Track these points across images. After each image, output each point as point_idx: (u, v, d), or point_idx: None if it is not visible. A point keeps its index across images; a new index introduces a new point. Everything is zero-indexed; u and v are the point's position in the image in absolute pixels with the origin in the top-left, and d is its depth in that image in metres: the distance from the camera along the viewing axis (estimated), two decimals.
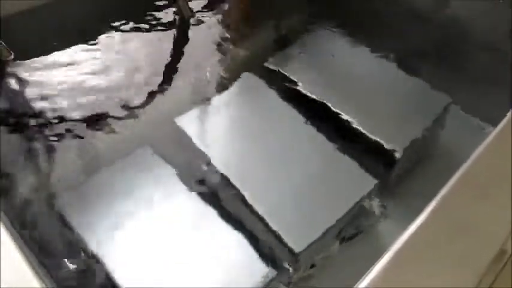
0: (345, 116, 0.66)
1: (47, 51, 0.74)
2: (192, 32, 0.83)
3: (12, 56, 0.72)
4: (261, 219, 0.56)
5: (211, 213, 0.56)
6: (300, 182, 0.60)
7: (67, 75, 0.72)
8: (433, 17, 0.83)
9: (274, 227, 0.55)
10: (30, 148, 0.63)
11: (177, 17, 0.83)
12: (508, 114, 0.51)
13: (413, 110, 0.68)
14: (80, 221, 0.54)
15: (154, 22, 0.82)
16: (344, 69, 0.74)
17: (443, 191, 0.45)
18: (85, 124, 0.67)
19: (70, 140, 0.65)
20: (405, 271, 0.40)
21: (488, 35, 0.77)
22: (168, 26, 0.82)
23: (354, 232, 0.61)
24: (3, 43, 0.69)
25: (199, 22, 0.84)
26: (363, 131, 0.65)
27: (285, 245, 0.54)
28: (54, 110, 0.68)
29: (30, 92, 0.70)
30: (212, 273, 0.51)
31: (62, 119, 0.67)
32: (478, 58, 0.77)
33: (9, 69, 0.71)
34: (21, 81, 0.71)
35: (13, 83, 0.70)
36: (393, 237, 0.43)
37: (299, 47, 0.77)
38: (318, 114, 0.68)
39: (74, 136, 0.66)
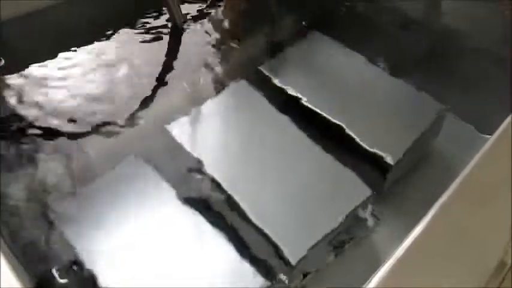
0: (338, 124, 0.66)
1: (38, 58, 0.74)
2: (184, 38, 0.83)
3: (3, 63, 0.71)
4: (255, 228, 0.55)
5: (204, 222, 0.55)
6: (294, 191, 0.59)
7: (58, 83, 0.72)
8: (426, 23, 0.83)
9: (269, 236, 0.54)
10: (20, 157, 0.62)
11: (169, 24, 0.83)
12: (507, 120, 0.51)
13: (407, 117, 0.68)
14: (71, 231, 0.53)
15: (146, 29, 0.82)
16: (337, 76, 0.74)
17: (442, 200, 0.44)
18: (75, 133, 0.66)
19: (59, 148, 0.65)
20: (403, 282, 0.40)
21: (481, 41, 0.77)
22: (160, 32, 0.82)
23: (348, 241, 0.60)
24: None
25: (192, 28, 0.84)
26: (357, 139, 0.64)
27: (280, 254, 0.53)
28: (43, 118, 0.67)
29: (19, 100, 0.69)
30: (205, 284, 0.50)
31: (51, 128, 0.66)
32: (473, 65, 0.77)
33: None
34: (11, 89, 0.70)
35: (2, 91, 0.69)
36: (388, 245, 0.43)
37: (293, 54, 0.76)
38: (311, 121, 0.67)
39: (63, 145, 0.65)
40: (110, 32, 0.80)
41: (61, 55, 0.75)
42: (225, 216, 0.59)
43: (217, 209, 0.60)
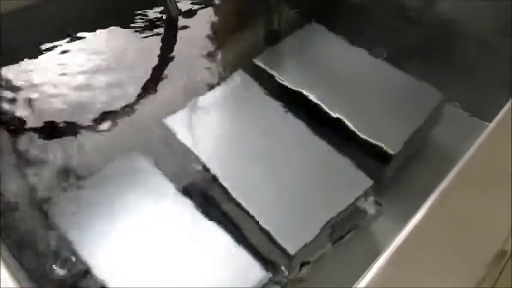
0: (337, 115, 0.65)
1: (34, 53, 0.73)
2: (181, 30, 0.82)
3: None
4: (254, 220, 0.55)
5: (203, 215, 0.55)
6: (293, 182, 0.59)
7: (54, 77, 0.71)
8: (425, 13, 0.83)
9: (268, 229, 0.54)
10: (16, 152, 0.62)
11: (164, 16, 0.83)
12: (506, 107, 0.51)
13: (406, 108, 0.68)
14: (69, 226, 0.53)
15: (142, 21, 0.81)
16: (336, 67, 0.73)
17: (441, 188, 0.44)
18: (72, 127, 0.66)
19: (57, 143, 0.64)
20: (403, 271, 0.39)
21: (479, 30, 0.77)
22: (156, 24, 0.81)
23: (348, 232, 0.60)
24: None
25: (189, 20, 0.83)
26: (356, 130, 0.64)
27: (279, 246, 0.53)
28: (39, 114, 0.67)
29: (15, 95, 0.68)
30: (205, 277, 0.50)
31: (47, 123, 0.66)
32: (471, 53, 0.77)
33: None
34: (7, 83, 0.70)
35: None
36: (389, 236, 0.43)
37: (290, 45, 0.76)
38: (310, 113, 0.67)
39: (60, 140, 0.65)
40: (105, 25, 0.79)
41: (56, 48, 0.75)
42: (224, 209, 0.59)
43: (216, 202, 0.60)
